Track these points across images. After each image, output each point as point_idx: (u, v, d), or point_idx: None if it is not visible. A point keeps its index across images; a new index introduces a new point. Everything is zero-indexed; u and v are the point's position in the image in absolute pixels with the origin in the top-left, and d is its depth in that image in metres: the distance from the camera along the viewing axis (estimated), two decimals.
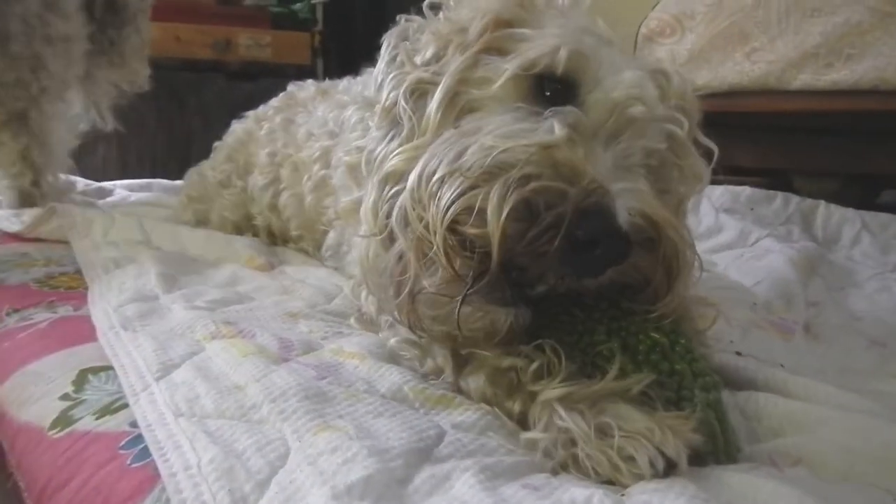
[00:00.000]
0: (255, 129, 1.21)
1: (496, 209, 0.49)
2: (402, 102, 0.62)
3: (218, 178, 1.23)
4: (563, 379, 0.52)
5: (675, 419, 0.48)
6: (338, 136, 1.00)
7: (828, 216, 1.43)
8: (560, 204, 0.49)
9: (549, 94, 0.59)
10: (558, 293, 0.54)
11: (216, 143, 1.30)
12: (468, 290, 0.52)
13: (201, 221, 1.25)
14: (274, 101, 1.24)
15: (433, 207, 0.52)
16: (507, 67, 0.59)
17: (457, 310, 0.53)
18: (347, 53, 2.82)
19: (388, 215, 0.57)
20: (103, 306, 0.77)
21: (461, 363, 0.60)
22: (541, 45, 0.60)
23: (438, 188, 0.52)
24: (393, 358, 0.64)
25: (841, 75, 1.37)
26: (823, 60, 1.39)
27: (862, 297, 1.09)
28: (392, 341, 0.65)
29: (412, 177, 0.55)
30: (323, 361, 0.61)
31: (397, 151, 0.60)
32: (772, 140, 1.72)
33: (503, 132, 0.55)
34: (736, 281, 1.11)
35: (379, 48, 0.69)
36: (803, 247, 1.28)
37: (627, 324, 0.56)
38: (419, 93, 0.63)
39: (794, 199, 1.47)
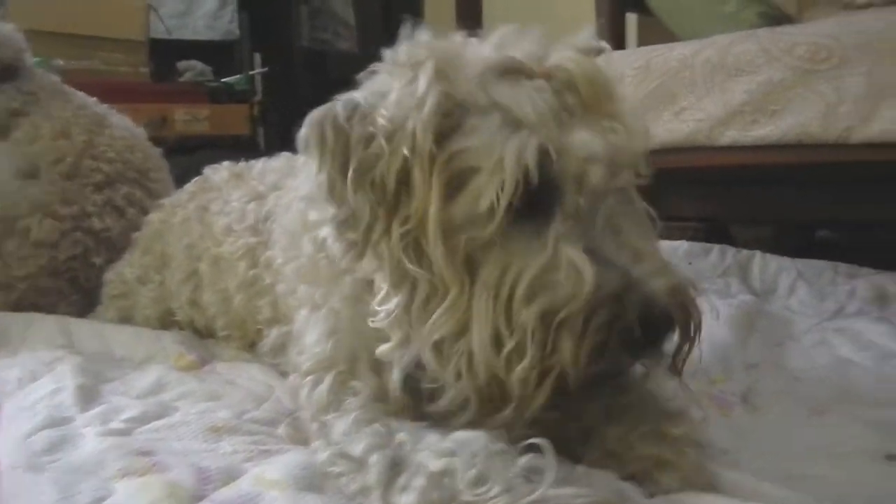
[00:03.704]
0: (170, 217, 1.18)
1: (573, 368, 0.58)
2: (408, 264, 0.62)
3: (136, 273, 1.19)
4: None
5: None
6: (261, 233, 0.98)
7: (764, 266, 1.45)
8: (616, 323, 0.57)
9: (535, 202, 0.61)
10: None
11: (134, 235, 1.26)
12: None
13: (125, 318, 1.20)
14: (189, 186, 1.21)
15: (519, 372, 0.58)
16: (485, 207, 0.60)
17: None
18: (289, 121, 2.82)
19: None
20: (14, 433, 0.72)
21: (393, 476, 0.58)
22: (500, 171, 0.59)
23: (510, 358, 0.59)
24: (316, 483, 0.61)
25: (767, 131, 1.40)
26: (749, 117, 1.42)
27: (800, 352, 1.10)
28: (325, 455, 0.63)
29: (477, 347, 0.60)
30: (241, 495, 0.57)
31: (437, 317, 0.61)
32: (708, 191, 1.75)
33: (530, 283, 0.59)
34: None
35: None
36: (741, 302, 1.29)
37: None
38: (414, 243, 0.62)
39: (731, 251, 1.49)
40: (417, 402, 0.68)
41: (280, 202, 0.95)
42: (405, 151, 0.61)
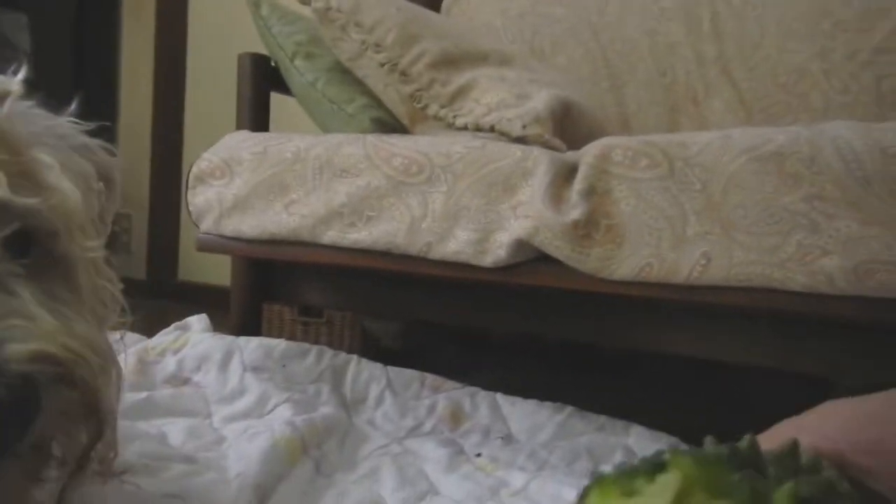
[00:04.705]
0: None
1: None
2: None
3: None
4: None
5: None
6: None
7: (357, 373, 1.41)
8: None
9: None
10: None
11: None
12: None
13: None
14: None
15: None
16: None
17: None
18: None
19: None
20: None
21: None
22: None
23: None
24: None
25: (361, 235, 1.38)
26: (348, 220, 1.39)
27: (340, 489, 1.03)
28: None
29: None
30: None
31: None
32: (338, 282, 1.70)
33: None
34: (211, 480, 0.99)
35: None
36: (311, 419, 1.20)
37: None
38: None
39: (328, 355, 1.43)
40: None
41: None
42: None
